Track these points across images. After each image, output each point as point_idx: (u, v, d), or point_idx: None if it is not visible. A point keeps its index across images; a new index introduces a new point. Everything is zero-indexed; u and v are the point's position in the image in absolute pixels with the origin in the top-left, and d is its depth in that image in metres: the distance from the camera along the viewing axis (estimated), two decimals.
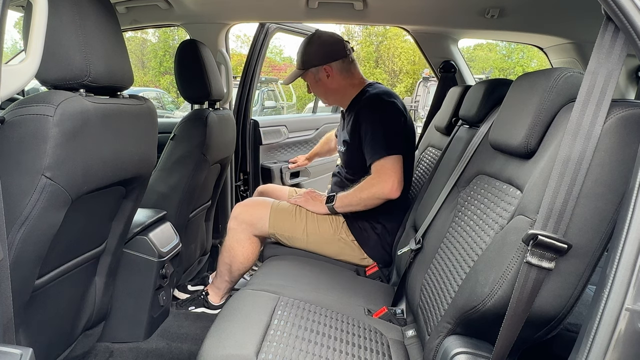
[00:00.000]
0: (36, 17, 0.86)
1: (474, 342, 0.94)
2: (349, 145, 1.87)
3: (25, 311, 1.10)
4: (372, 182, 1.73)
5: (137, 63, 19.29)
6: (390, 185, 1.69)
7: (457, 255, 1.17)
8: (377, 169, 1.72)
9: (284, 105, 12.47)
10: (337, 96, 1.98)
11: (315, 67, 1.92)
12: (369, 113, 1.78)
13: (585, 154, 0.77)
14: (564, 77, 0.96)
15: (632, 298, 0.71)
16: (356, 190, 1.77)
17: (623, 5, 0.71)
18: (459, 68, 2.60)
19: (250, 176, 2.88)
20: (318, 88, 1.98)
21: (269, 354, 1.06)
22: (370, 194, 1.73)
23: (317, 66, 1.91)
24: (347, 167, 1.95)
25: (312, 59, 1.92)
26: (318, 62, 1.91)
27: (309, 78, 1.97)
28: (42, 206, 0.97)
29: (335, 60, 1.91)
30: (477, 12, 2.06)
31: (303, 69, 1.95)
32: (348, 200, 1.80)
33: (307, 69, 1.94)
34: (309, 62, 1.93)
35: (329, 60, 1.90)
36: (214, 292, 1.99)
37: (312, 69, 1.93)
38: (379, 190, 1.70)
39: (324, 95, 2.01)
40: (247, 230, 1.85)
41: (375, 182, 1.71)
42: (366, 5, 2.09)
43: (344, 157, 1.96)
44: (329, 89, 1.95)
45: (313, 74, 1.94)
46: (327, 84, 1.93)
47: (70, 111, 0.98)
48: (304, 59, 1.94)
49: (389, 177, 1.69)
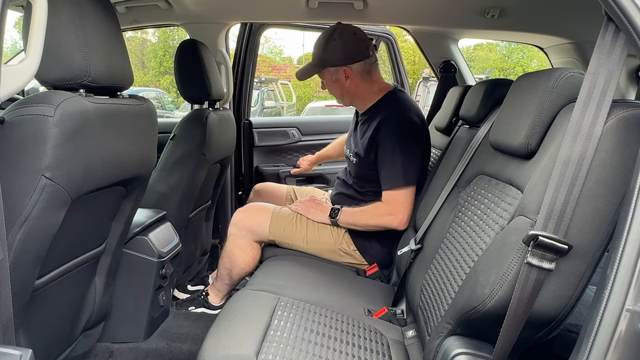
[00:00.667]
0: (36, 17, 0.86)
1: (474, 342, 0.94)
2: (362, 160, 1.78)
3: (25, 311, 1.10)
4: (382, 212, 1.70)
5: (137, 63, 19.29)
6: (400, 219, 1.67)
7: (457, 255, 1.16)
8: (390, 199, 1.69)
9: (284, 105, 12.46)
10: (354, 99, 1.86)
11: (334, 67, 1.78)
12: (389, 137, 1.67)
13: (585, 154, 0.77)
14: (565, 77, 0.96)
15: (632, 299, 0.71)
16: (364, 214, 1.73)
17: (624, 5, 0.71)
18: (459, 68, 2.60)
19: (246, 178, 2.85)
20: (334, 88, 1.85)
21: (269, 354, 1.06)
22: (378, 223, 1.71)
23: (335, 67, 1.78)
24: (357, 178, 1.87)
25: (331, 58, 1.77)
26: (337, 62, 1.76)
27: (325, 76, 1.84)
28: (42, 206, 0.97)
29: (357, 62, 1.76)
30: (477, 12, 2.06)
31: (320, 67, 1.81)
32: (353, 220, 1.76)
33: (324, 67, 1.80)
34: (327, 61, 1.78)
35: (349, 61, 1.76)
36: (214, 293, 1.98)
37: (330, 68, 1.79)
38: (387, 222, 1.69)
39: (340, 96, 1.87)
40: (247, 236, 1.82)
41: (385, 213, 1.69)
42: (366, 5, 2.09)
43: (354, 168, 1.86)
44: (347, 90, 1.82)
45: (330, 74, 1.80)
46: (345, 86, 1.80)
47: (70, 111, 0.98)
48: (322, 57, 1.79)
49: (399, 212, 1.67)
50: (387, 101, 1.79)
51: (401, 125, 1.70)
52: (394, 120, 1.70)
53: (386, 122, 1.70)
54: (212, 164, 2.04)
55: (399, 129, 1.68)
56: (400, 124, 1.70)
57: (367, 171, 1.78)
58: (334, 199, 1.98)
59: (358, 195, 1.85)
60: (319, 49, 1.80)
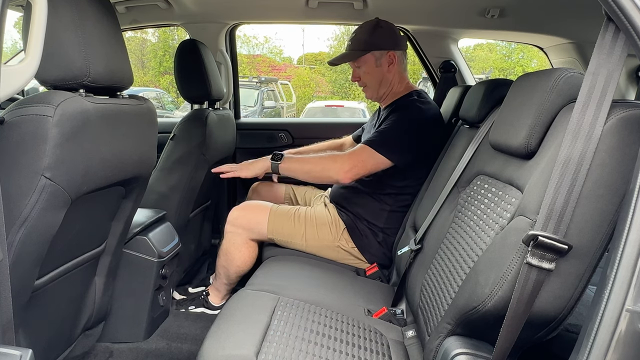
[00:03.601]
0: (35, 17, 0.86)
1: (474, 342, 0.94)
2: None
3: (24, 312, 1.10)
4: (336, 160, 1.67)
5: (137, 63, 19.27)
6: (347, 170, 1.64)
7: (457, 255, 1.16)
8: (354, 150, 1.68)
9: (284, 105, 12.46)
10: (387, 89, 1.87)
11: (380, 51, 1.79)
12: (395, 117, 1.71)
13: (585, 154, 0.77)
14: (565, 77, 0.96)
15: (632, 299, 0.71)
16: (313, 160, 1.70)
17: (624, 5, 0.71)
18: (459, 68, 2.59)
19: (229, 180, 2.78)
20: (374, 75, 1.83)
21: (268, 354, 1.06)
22: (324, 169, 1.67)
23: (382, 50, 1.79)
24: None
25: (379, 42, 1.79)
26: (385, 46, 1.80)
27: (367, 61, 1.82)
28: (41, 206, 0.97)
29: (401, 50, 1.83)
30: (477, 12, 2.07)
31: (364, 50, 1.80)
32: (299, 165, 1.71)
33: (369, 51, 1.80)
34: (375, 44, 1.79)
35: (396, 47, 1.81)
36: (214, 293, 1.99)
37: (375, 52, 1.79)
38: (333, 171, 1.66)
39: (377, 84, 1.86)
40: (243, 234, 1.82)
41: (338, 163, 1.66)
42: (366, 5, 2.09)
43: None
44: (385, 78, 1.83)
45: (375, 58, 1.80)
46: (385, 72, 1.82)
47: (70, 111, 0.98)
48: (369, 40, 1.80)
49: (350, 163, 1.64)
50: (409, 98, 1.82)
51: (412, 114, 1.73)
52: (407, 108, 1.75)
53: (399, 109, 1.76)
54: (211, 164, 2.04)
55: (406, 115, 1.72)
56: (411, 114, 1.73)
57: None
58: (332, 194, 1.98)
59: (361, 186, 1.83)
60: (366, 33, 1.82)
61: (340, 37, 19.64)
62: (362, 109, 10.42)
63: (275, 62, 22.01)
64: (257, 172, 1.76)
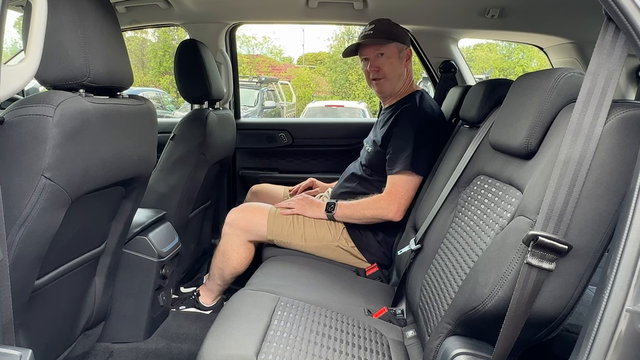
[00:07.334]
0: (35, 17, 0.86)
1: (474, 342, 0.94)
2: (376, 148, 1.82)
3: (24, 312, 1.10)
4: (381, 203, 1.72)
5: (137, 63, 19.28)
6: (397, 209, 1.69)
7: (457, 255, 1.16)
8: (393, 183, 1.71)
9: (284, 105, 12.47)
10: (399, 85, 1.88)
11: (402, 45, 1.85)
12: (406, 125, 1.73)
13: (585, 154, 0.77)
14: (565, 77, 0.96)
15: (632, 299, 0.71)
16: (360, 205, 1.75)
17: (624, 5, 0.71)
18: (459, 68, 2.59)
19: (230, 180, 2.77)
20: (396, 66, 1.84)
21: (268, 354, 1.06)
22: (374, 214, 1.73)
23: (404, 44, 1.86)
24: (367, 166, 1.89)
25: (401, 36, 1.85)
26: (405, 41, 1.86)
27: (390, 50, 1.82)
28: (41, 206, 0.97)
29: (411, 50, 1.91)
30: (477, 12, 2.06)
31: (391, 39, 1.82)
32: (350, 212, 1.78)
33: (394, 41, 1.82)
34: (398, 36, 1.84)
35: (409, 45, 1.89)
36: (206, 293, 1.98)
37: (399, 44, 1.83)
38: (383, 212, 1.71)
39: (397, 77, 1.86)
40: (241, 236, 1.82)
41: (385, 204, 1.71)
42: (366, 5, 2.09)
43: (367, 156, 1.90)
44: (402, 72, 1.86)
45: (398, 50, 1.84)
46: (403, 66, 1.86)
47: (70, 111, 0.98)
48: (394, 32, 1.83)
49: (396, 201, 1.69)
50: (413, 98, 1.84)
51: (420, 117, 1.75)
52: (414, 112, 1.76)
53: (406, 113, 1.76)
54: (211, 164, 2.04)
55: (416, 120, 1.74)
56: (420, 116, 1.75)
57: (380, 160, 1.80)
58: (335, 191, 1.98)
59: (362, 188, 1.85)
60: (390, 25, 1.85)
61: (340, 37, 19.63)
62: (362, 109, 10.42)
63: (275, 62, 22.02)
64: (317, 216, 1.85)
